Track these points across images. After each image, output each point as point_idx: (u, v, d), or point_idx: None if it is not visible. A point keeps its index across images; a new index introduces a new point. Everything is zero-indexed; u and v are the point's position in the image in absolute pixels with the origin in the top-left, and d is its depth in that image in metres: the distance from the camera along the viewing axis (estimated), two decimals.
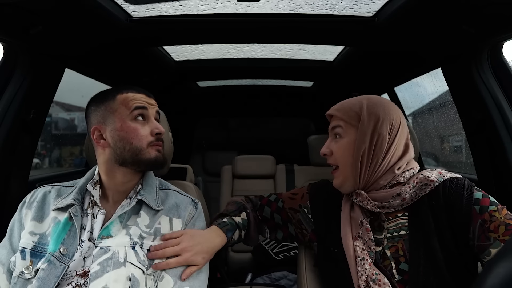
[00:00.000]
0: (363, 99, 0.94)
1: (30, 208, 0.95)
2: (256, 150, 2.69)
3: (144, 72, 2.11)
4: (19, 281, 0.86)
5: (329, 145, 0.96)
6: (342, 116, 0.94)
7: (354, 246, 0.88)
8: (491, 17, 1.08)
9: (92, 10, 1.13)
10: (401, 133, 0.91)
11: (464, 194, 0.84)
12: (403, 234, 0.89)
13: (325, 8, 1.31)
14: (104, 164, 0.96)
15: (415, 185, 0.88)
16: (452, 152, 2.75)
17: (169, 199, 1.00)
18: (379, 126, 0.88)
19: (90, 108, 0.98)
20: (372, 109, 0.90)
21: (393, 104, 0.94)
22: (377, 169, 0.89)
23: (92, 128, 0.95)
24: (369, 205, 0.89)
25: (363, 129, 0.89)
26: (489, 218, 0.81)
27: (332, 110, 0.98)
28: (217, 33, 1.53)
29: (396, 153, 0.90)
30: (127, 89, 0.97)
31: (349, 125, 0.92)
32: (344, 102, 0.97)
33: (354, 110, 0.92)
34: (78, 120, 7.59)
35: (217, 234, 0.99)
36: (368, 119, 0.89)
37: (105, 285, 0.83)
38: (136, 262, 0.87)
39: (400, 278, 0.85)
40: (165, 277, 0.89)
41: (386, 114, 0.90)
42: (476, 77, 1.34)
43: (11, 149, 1.31)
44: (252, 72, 2.38)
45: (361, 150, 0.89)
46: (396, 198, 0.88)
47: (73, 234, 0.89)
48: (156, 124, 0.97)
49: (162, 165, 0.98)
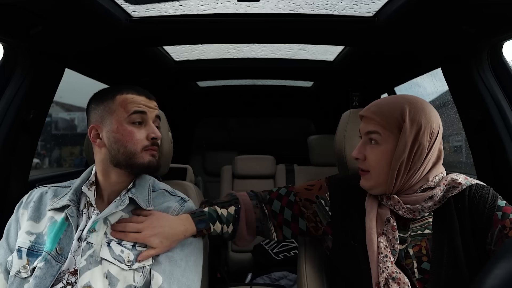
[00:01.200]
0: (404, 103, 0.87)
1: (26, 208, 0.95)
2: (256, 150, 2.69)
3: (144, 72, 2.11)
4: (16, 280, 0.87)
5: (363, 150, 0.91)
6: (381, 121, 0.87)
7: (378, 242, 0.87)
8: (491, 17, 1.08)
9: (92, 10, 1.13)
10: (438, 139, 0.88)
11: (488, 200, 0.85)
12: (427, 233, 0.88)
13: (325, 8, 1.31)
14: (100, 163, 0.97)
15: (444, 187, 0.88)
16: (452, 152, 2.75)
17: (158, 199, 1.00)
18: (420, 136, 0.85)
19: (91, 105, 0.98)
20: (414, 116, 0.85)
21: (433, 108, 0.90)
22: (413, 177, 0.87)
23: (90, 127, 0.95)
24: (401, 210, 0.87)
25: (405, 139, 0.84)
26: (509, 224, 0.81)
27: (367, 111, 0.91)
28: (217, 33, 1.53)
29: (431, 160, 0.88)
30: (128, 89, 0.95)
31: (388, 132, 0.87)
32: (381, 103, 0.90)
33: (395, 116, 0.86)
34: (78, 120, 7.59)
35: (184, 222, 0.94)
36: (410, 128, 0.84)
37: (88, 281, 0.84)
38: (110, 258, 0.87)
39: (421, 277, 0.85)
40: (155, 275, 0.89)
41: (428, 122, 0.86)
42: (476, 77, 1.34)
43: (11, 149, 1.31)
44: (252, 72, 2.38)
45: (400, 160, 0.85)
46: (428, 201, 0.87)
47: (69, 234, 0.90)
48: (153, 129, 0.95)
49: (156, 170, 0.97)
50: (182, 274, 0.90)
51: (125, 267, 0.87)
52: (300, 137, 3.24)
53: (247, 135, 3.82)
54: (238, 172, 2.53)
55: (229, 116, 3.79)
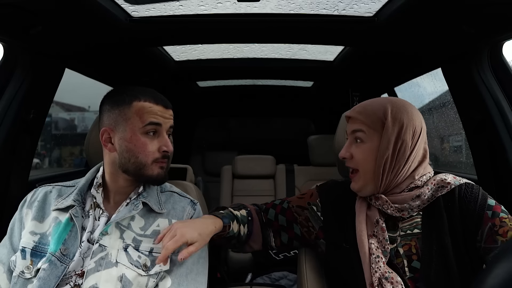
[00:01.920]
0: (387, 103, 0.92)
1: (30, 207, 0.95)
2: (256, 150, 2.69)
3: (144, 72, 2.11)
4: (19, 281, 0.86)
5: (349, 149, 0.94)
6: (365, 120, 0.91)
7: (369, 244, 0.89)
8: (491, 17, 1.08)
9: (92, 10, 1.13)
10: (421, 138, 0.91)
11: (478, 199, 0.87)
12: (416, 232, 0.90)
13: (325, 8, 1.30)
14: (109, 165, 0.96)
15: (432, 187, 0.90)
16: (452, 152, 2.75)
17: (169, 202, 1.00)
18: (403, 133, 0.88)
19: (105, 106, 0.96)
20: (396, 115, 0.89)
21: (415, 108, 0.94)
22: (398, 175, 0.89)
23: (102, 129, 0.94)
24: (390, 209, 0.89)
25: (388, 135, 0.88)
26: (499, 223, 0.84)
27: (353, 112, 0.95)
28: (217, 33, 1.53)
29: (416, 158, 0.90)
30: (146, 96, 0.93)
31: (372, 130, 0.90)
32: (366, 104, 0.95)
33: (378, 115, 0.90)
34: (78, 120, 7.60)
35: (209, 217, 0.94)
36: (392, 126, 0.88)
37: (95, 283, 0.84)
38: (127, 263, 0.87)
39: (412, 275, 0.86)
40: (166, 277, 0.90)
41: (410, 120, 0.89)
42: (476, 77, 1.34)
43: (11, 149, 1.31)
44: (252, 72, 2.38)
45: (384, 156, 0.88)
46: (416, 200, 0.89)
47: (74, 234, 0.89)
48: (166, 141, 0.94)
49: (163, 182, 0.97)
50: (192, 277, 0.91)
51: (143, 273, 0.87)
52: (300, 137, 3.24)
53: (247, 135, 3.82)
54: (238, 172, 2.53)
55: (229, 116, 3.79)
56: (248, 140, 3.70)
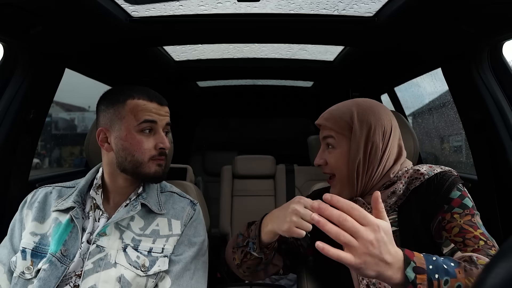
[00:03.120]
0: (353, 106, 0.91)
1: (31, 208, 0.95)
2: (256, 150, 2.69)
3: (144, 72, 2.11)
4: (19, 281, 0.86)
5: (322, 155, 0.94)
6: (333, 126, 0.91)
7: None
8: (491, 17, 1.08)
9: (92, 10, 1.13)
10: (393, 136, 0.90)
11: (443, 188, 0.83)
12: (394, 230, 0.87)
13: (325, 8, 1.30)
14: (107, 166, 0.96)
15: (406, 180, 0.88)
16: (452, 152, 2.75)
17: (169, 202, 1.00)
18: (371, 135, 0.87)
19: (100, 106, 0.96)
20: (363, 117, 0.88)
21: (383, 107, 0.93)
22: (373, 176, 0.88)
23: (98, 129, 0.94)
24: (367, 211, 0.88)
25: (356, 139, 0.87)
26: (449, 218, 0.80)
27: (321, 119, 0.95)
28: (217, 33, 1.53)
29: (390, 157, 0.89)
30: (139, 94, 0.93)
31: (341, 136, 0.90)
32: (332, 110, 0.94)
33: (345, 120, 0.89)
34: (78, 120, 7.60)
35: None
36: (360, 129, 0.87)
37: (94, 284, 0.84)
38: (126, 264, 0.87)
39: None
40: (165, 277, 0.89)
41: (377, 121, 0.88)
42: (476, 77, 1.34)
43: (11, 149, 1.31)
44: (252, 72, 2.38)
45: (356, 161, 0.87)
46: (392, 197, 0.87)
47: (75, 235, 0.89)
48: (162, 138, 0.94)
49: (161, 179, 0.97)
50: (191, 277, 0.91)
51: (141, 273, 0.87)
52: (300, 137, 3.24)
53: (247, 135, 3.82)
54: (238, 172, 2.53)
55: (229, 116, 3.79)
56: (248, 140, 3.70)
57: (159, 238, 0.93)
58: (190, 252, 0.93)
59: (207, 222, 1.39)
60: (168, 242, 0.93)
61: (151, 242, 0.91)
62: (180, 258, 0.92)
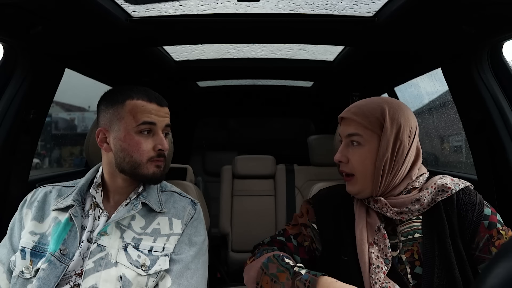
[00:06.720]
0: (383, 103, 0.89)
1: (30, 207, 0.95)
2: (256, 150, 2.69)
3: (144, 72, 2.11)
4: (19, 281, 0.86)
5: (345, 152, 0.91)
6: (362, 121, 0.88)
7: (369, 253, 0.86)
8: (491, 17, 1.08)
9: (92, 10, 1.13)
10: (416, 138, 0.90)
11: (476, 207, 0.87)
12: (417, 237, 0.88)
13: (325, 8, 1.30)
14: (106, 166, 0.97)
15: (433, 191, 0.88)
16: (452, 152, 2.75)
17: (169, 201, 1.00)
18: (401, 134, 0.86)
19: (100, 106, 0.96)
20: (394, 115, 0.87)
21: (409, 109, 0.92)
22: (396, 176, 0.88)
23: (97, 129, 0.94)
24: (389, 212, 0.87)
25: (386, 137, 0.86)
26: (496, 234, 0.84)
27: (348, 113, 0.91)
28: (217, 33, 1.53)
29: (411, 158, 0.89)
30: (139, 94, 0.92)
31: (369, 132, 0.88)
32: (361, 105, 0.91)
33: (375, 116, 0.87)
34: (78, 120, 7.59)
35: None
36: (391, 127, 0.86)
37: (95, 283, 0.84)
38: (127, 263, 0.87)
39: (415, 282, 0.84)
40: (166, 276, 0.89)
41: (406, 120, 0.88)
42: (476, 77, 1.34)
43: (11, 149, 1.31)
44: (252, 72, 2.38)
45: (384, 158, 0.86)
46: (415, 204, 0.87)
47: (74, 234, 0.89)
48: (161, 140, 0.93)
49: (159, 181, 0.97)
50: (192, 277, 0.91)
51: (142, 273, 0.87)
52: (300, 137, 3.25)
53: (247, 135, 3.82)
54: (238, 172, 2.53)
55: (229, 116, 3.79)
56: (248, 140, 3.70)
57: (160, 237, 0.93)
58: (191, 252, 0.93)
59: (207, 222, 1.39)
60: (169, 241, 0.93)
61: (152, 241, 0.91)
62: (180, 257, 0.92)
